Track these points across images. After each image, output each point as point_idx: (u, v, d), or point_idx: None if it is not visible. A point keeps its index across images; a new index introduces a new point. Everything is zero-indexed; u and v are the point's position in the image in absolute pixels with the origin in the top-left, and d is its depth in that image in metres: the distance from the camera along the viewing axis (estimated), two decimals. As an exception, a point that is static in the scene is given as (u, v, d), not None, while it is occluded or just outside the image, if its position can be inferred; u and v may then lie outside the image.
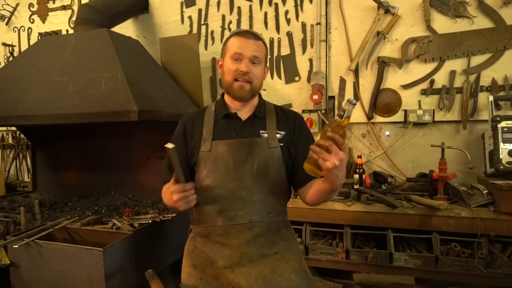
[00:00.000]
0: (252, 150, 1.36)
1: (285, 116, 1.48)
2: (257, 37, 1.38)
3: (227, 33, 3.02)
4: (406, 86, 2.60)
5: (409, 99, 2.60)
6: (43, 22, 3.63)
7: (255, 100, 1.47)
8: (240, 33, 1.38)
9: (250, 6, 2.94)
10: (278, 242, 1.39)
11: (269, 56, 2.34)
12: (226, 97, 1.46)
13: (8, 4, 3.71)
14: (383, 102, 2.65)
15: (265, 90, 2.90)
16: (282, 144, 1.38)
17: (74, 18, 3.39)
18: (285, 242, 1.42)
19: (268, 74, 2.88)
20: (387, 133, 2.69)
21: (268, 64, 1.49)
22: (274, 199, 1.40)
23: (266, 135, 1.39)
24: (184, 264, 1.46)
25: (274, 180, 1.38)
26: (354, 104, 1.05)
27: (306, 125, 1.51)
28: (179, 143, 1.41)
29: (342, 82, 2.76)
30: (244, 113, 1.43)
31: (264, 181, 1.36)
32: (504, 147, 2.10)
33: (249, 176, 1.35)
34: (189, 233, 1.54)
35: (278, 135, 1.40)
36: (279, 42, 2.89)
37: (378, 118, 2.69)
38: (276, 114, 1.46)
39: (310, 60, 2.82)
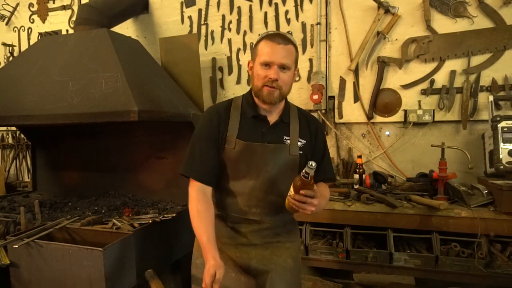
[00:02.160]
0: (275, 156, 1.42)
1: (308, 123, 1.52)
2: (287, 40, 1.37)
3: (227, 33, 3.02)
4: (406, 86, 2.60)
5: (409, 99, 2.60)
6: (43, 22, 3.63)
7: (282, 104, 1.50)
8: (270, 37, 1.37)
9: (250, 6, 2.94)
10: (282, 234, 1.52)
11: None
12: (255, 97, 1.46)
13: (8, 4, 3.71)
14: (383, 102, 2.65)
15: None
16: (301, 152, 1.45)
17: (74, 18, 3.39)
18: (289, 235, 1.54)
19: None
20: (387, 133, 2.69)
21: (297, 66, 1.49)
22: (284, 201, 1.45)
23: (288, 141, 1.44)
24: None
25: (287, 184, 1.40)
26: (314, 168, 1.20)
27: (324, 134, 1.59)
28: (212, 132, 1.42)
29: (342, 82, 2.76)
30: (272, 117, 1.47)
31: (279, 184, 1.43)
32: (504, 147, 2.10)
33: (268, 178, 1.42)
34: None
35: (299, 143, 1.45)
36: (279, 42, 2.88)
37: (378, 118, 2.69)
38: (299, 119, 1.50)
39: (310, 60, 2.82)
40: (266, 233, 1.48)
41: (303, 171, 1.22)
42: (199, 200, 1.38)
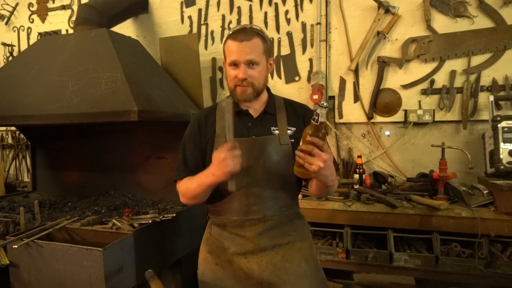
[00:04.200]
0: (264, 148, 1.38)
1: (295, 111, 1.49)
2: (249, 35, 1.35)
3: (227, 33, 3.00)
4: (406, 86, 2.60)
5: (409, 99, 2.60)
6: (43, 22, 3.63)
7: (264, 96, 1.48)
8: (233, 36, 1.36)
9: (250, 6, 2.94)
10: (291, 233, 1.45)
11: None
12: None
13: (8, 4, 3.71)
14: (383, 102, 2.64)
15: (265, 90, 2.90)
16: (292, 140, 1.41)
17: (73, 18, 3.38)
18: (297, 232, 1.47)
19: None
20: (387, 133, 2.69)
21: (272, 56, 1.47)
22: (285, 194, 1.45)
23: (277, 132, 1.42)
24: (201, 250, 1.53)
25: (285, 176, 1.41)
26: (326, 107, 1.10)
27: None
28: (195, 138, 1.46)
29: (342, 82, 2.76)
30: (255, 110, 1.46)
31: (275, 177, 1.39)
32: (504, 147, 2.10)
33: (261, 173, 1.38)
34: (208, 219, 1.60)
35: (289, 131, 1.42)
36: (279, 42, 2.89)
37: (378, 118, 2.69)
38: (286, 109, 1.48)
39: (310, 60, 2.82)
40: (274, 233, 1.41)
41: (315, 112, 1.11)
42: (183, 184, 1.45)
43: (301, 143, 1.18)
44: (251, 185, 1.38)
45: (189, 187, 1.40)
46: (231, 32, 1.39)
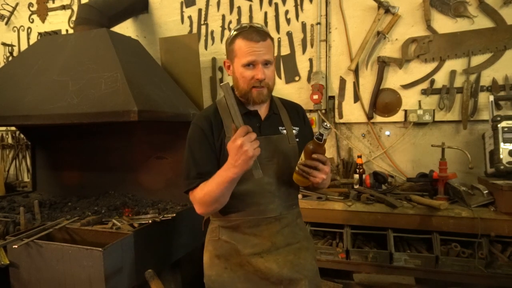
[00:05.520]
0: (277, 147, 1.41)
1: (297, 111, 1.53)
2: (263, 36, 1.32)
3: (227, 33, 3.02)
4: (406, 86, 2.60)
5: (409, 99, 2.60)
6: (43, 22, 3.63)
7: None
8: (246, 35, 1.32)
9: (250, 6, 2.94)
10: (298, 232, 1.48)
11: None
12: (241, 98, 1.41)
13: (8, 4, 3.71)
14: (383, 102, 2.64)
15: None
16: (298, 140, 1.45)
17: (73, 18, 3.38)
18: (303, 232, 1.51)
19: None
20: (387, 133, 2.69)
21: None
22: (294, 192, 1.49)
23: (285, 131, 1.44)
24: (206, 254, 1.49)
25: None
26: (329, 129, 1.21)
27: (308, 119, 1.62)
28: (208, 138, 1.37)
29: (342, 82, 2.76)
30: (263, 111, 1.46)
31: (287, 175, 1.40)
32: (504, 147, 2.10)
33: (276, 171, 1.40)
34: (204, 223, 1.58)
35: (294, 131, 1.46)
36: (279, 42, 2.89)
37: (378, 118, 2.69)
38: (286, 108, 1.50)
39: (310, 60, 2.82)
40: (286, 232, 1.43)
41: (317, 133, 1.20)
42: (198, 191, 1.33)
43: (303, 157, 1.26)
44: (267, 183, 1.39)
45: (208, 191, 1.27)
46: (239, 31, 1.34)
